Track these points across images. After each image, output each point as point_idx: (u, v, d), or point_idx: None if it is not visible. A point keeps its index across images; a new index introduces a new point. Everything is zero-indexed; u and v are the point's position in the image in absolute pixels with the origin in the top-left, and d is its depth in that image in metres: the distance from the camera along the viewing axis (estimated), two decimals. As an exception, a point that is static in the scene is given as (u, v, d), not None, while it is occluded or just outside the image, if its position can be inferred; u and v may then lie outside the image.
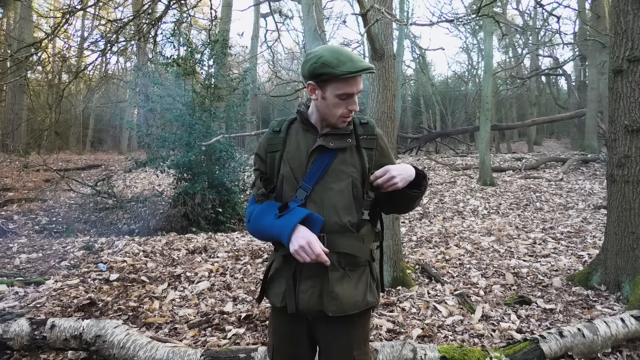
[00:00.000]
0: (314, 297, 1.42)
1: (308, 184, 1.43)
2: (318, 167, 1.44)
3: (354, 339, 1.48)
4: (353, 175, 1.45)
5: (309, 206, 1.42)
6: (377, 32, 3.84)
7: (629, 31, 3.54)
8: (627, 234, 3.53)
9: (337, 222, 1.42)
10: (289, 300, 1.44)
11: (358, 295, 1.44)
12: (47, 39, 4.68)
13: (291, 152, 1.49)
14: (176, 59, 7.90)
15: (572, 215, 7.25)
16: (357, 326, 1.49)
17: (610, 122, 3.72)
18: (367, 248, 1.48)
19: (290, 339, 1.53)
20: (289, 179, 1.47)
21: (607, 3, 12.09)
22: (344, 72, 1.34)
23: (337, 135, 1.46)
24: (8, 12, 16.84)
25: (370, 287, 1.49)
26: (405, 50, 20.79)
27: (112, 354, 2.48)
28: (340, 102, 1.40)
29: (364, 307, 1.46)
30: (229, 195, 7.80)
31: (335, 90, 1.38)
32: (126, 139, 23.03)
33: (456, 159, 15.44)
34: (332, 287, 1.41)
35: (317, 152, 1.45)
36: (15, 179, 11.67)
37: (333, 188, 1.43)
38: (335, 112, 1.42)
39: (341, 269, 1.43)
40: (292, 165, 1.47)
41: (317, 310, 1.42)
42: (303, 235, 1.34)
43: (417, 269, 4.40)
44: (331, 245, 1.40)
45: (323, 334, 1.49)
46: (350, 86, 1.38)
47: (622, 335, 2.73)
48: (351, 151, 1.47)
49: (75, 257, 4.93)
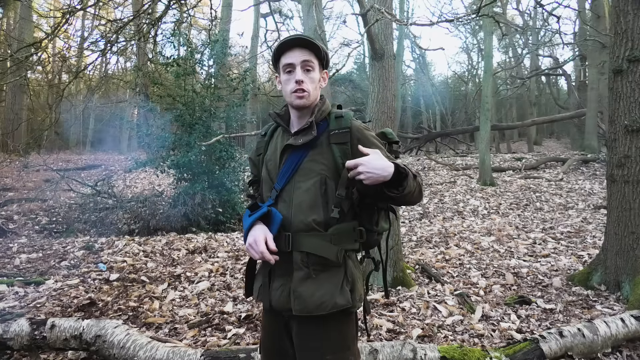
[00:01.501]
0: (283, 295, 1.44)
1: (279, 184, 1.47)
2: (288, 166, 1.47)
3: (327, 342, 1.43)
4: (322, 173, 1.43)
5: (280, 205, 1.45)
6: (377, 32, 3.84)
7: (629, 31, 3.54)
8: (627, 234, 3.53)
9: (303, 221, 1.42)
10: (263, 297, 1.50)
11: (324, 296, 1.39)
12: (47, 39, 4.68)
13: (269, 154, 1.55)
14: (176, 59, 7.90)
15: (572, 215, 7.25)
16: (331, 329, 1.43)
17: (610, 122, 3.72)
18: (334, 248, 1.41)
19: (273, 333, 1.56)
20: (266, 180, 1.53)
21: (607, 3, 12.09)
22: (279, 44, 1.47)
23: (303, 130, 1.47)
24: (8, 12, 16.83)
25: (342, 289, 1.41)
26: (405, 50, 20.82)
27: (112, 354, 2.48)
28: (289, 77, 1.46)
29: (332, 308, 1.39)
30: (229, 195, 7.80)
31: (282, 67, 1.48)
32: (126, 139, 23.02)
33: (456, 159, 15.44)
34: (295, 286, 1.41)
35: (288, 151, 1.48)
36: (15, 179, 11.68)
37: (301, 187, 1.44)
38: (287, 89, 1.47)
39: (305, 268, 1.41)
40: (268, 166, 1.53)
41: (287, 309, 1.43)
42: (253, 233, 1.39)
43: (417, 269, 4.40)
44: (296, 244, 1.42)
45: (296, 333, 1.48)
46: (288, 57, 1.45)
47: (622, 335, 2.73)
48: (321, 148, 1.47)
49: (75, 257, 4.93)
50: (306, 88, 1.44)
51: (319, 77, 1.50)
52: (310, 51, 1.46)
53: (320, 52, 1.48)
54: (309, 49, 1.46)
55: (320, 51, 1.48)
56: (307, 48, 1.45)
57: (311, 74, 1.47)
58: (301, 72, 1.44)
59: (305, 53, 1.45)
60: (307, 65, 1.46)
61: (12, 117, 15.35)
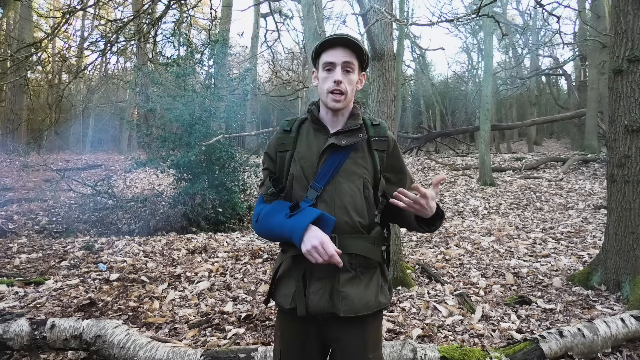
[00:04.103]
0: (324, 299, 1.39)
1: (319, 184, 1.42)
2: (329, 167, 1.42)
3: (368, 341, 1.46)
4: (364, 177, 1.45)
5: (320, 206, 1.40)
6: (377, 32, 3.84)
7: (629, 31, 3.53)
8: (627, 234, 3.54)
9: (348, 223, 1.41)
10: (298, 302, 1.41)
11: (369, 296, 1.42)
12: (47, 39, 4.68)
13: (302, 152, 1.48)
14: (176, 59, 7.90)
15: (572, 215, 7.25)
16: (370, 328, 1.47)
17: (610, 122, 3.72)
18: (378, 250, 1.47)
19: (299, 342, 1.48)
20: (299, 178, 1.46)
21: (607, 3, 12.08)
22: (323, 41, 1.44)
23: (347, 132, 1.45)
24: (8, 12, 16.83)
25: (381, 288, 1.47)
26: (405, 50, 20.77)
27: (112, 354, 2.47)
28: (328, 76, 1.44)
29: (376, 307, 1.44)
30: (229, 195, 7.80)
31: (322, 64, 1.46)
32: (126, 139, 23.02)
33: (456, 159, 15.44)
34: (343, 287, 1.39)
35: (329, 151, 1.44)
36: (15, 179, 11.67)
37: (344, 188, 1.42)
38: (323, 87, 1.45)
39: (352, 270, 1.42)
40: (302, 164, 1.46)
41: (327, 312, 1.40)
42: (316, 235, 1.32)
43: (417, 269, 4.40)
44: (342, 247, 1.38)
45: (336, 336, 1.45)
46: (331, 56, 1.43)
47: (622, 335, 2.73)
48: (363, 152, 1.47)
49: (75, 257, 4.93)
50: (343, 89, 1.43)
51: (357, 79, 1.49)
52: (352, 52, 1.44)
53: (362, 55, 1.47)
54: (351, 50, 1.44)
55: (363, 53, 1.46)
56: (350, 48, 1.43)
57: (350, 75, 1.45)
58: (341, 73, 1.43)
59: (347, 53, 1.43)
60: (348, 67, 1.44)
61: (12, 117, 15.36)
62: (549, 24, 14.60)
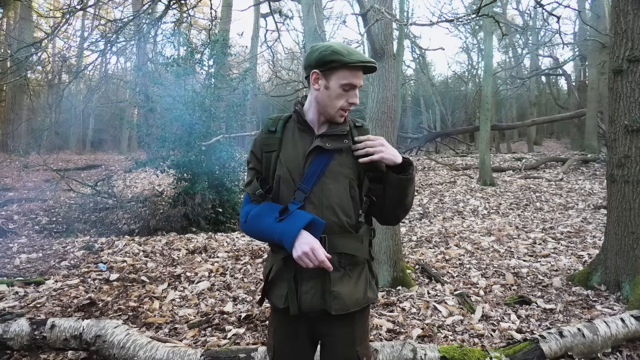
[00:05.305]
0: (316, 297, 1.44)
1: (306, 186, 1.43)
2: (315, 168, 1.44)
3: (356, 335, 1.52)
4: (350, 177, 1.47)
5: (308, 207, 1.43)
6: (377, 32, 3.84)
7: (629, 31, 3.53)
8: (627, 234, 3.53)
9: (337, 223, 1.44)
10: (291, 302, 1.45)
11: (359, 293, 1.47)
12: (47, 39, 4.68)
13: (288, 153, 1.49)
14: (176, 59, 7.90)
15: (572, 215, 7.25)
16: (358, 322, 1.53)
17: (610, 122, 3.72)
18: (365, 247, 1.51)
19: (291, 338, 1.54)
20: (286, 180, 1.47)
21: (607, 3, 12.09)
22: (353, 61, 1.38)
23: (333, 135, 1.47)
24: (8, 12, 16.83)
25: (369, 284, 1.52)
26: (405, 50, 20.79)
27: (112, 354, 2.47)
28: (343, 94, 1.43)
29: (365, 303, 1.50)
30: (229, 195, 7.80)
31: (340, 80, 1.41)
32: (126, 139, 23.04)
33: (456, 159, 15.45)
34: (334, 287, 1.43)
35: (314, 153, 1.45)
36: (15, 179, 11.68)
37: (331, 189, 1.44)
38: (336, 103, 1.44)
39: (342, 269, 1.45)
40: (289, 166, 1.47)
41: (319, 310, 1.45)
42: (307, 241, 1.35)
43: (417, 269, 4.40)
44: (331, 246, 1.42)
45: (326, 332, 1.51)
46: (356, 77, 1.42)
47: (622, 335, 2.73)
48: (347, 153, 1.48)
49: (75, 257, 4.93)
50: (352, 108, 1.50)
51: None
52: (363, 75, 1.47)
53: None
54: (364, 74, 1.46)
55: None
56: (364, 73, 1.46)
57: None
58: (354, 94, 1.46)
59: (362, 77, 1.46)
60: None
61: (12, 117, 15.37)
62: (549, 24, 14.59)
